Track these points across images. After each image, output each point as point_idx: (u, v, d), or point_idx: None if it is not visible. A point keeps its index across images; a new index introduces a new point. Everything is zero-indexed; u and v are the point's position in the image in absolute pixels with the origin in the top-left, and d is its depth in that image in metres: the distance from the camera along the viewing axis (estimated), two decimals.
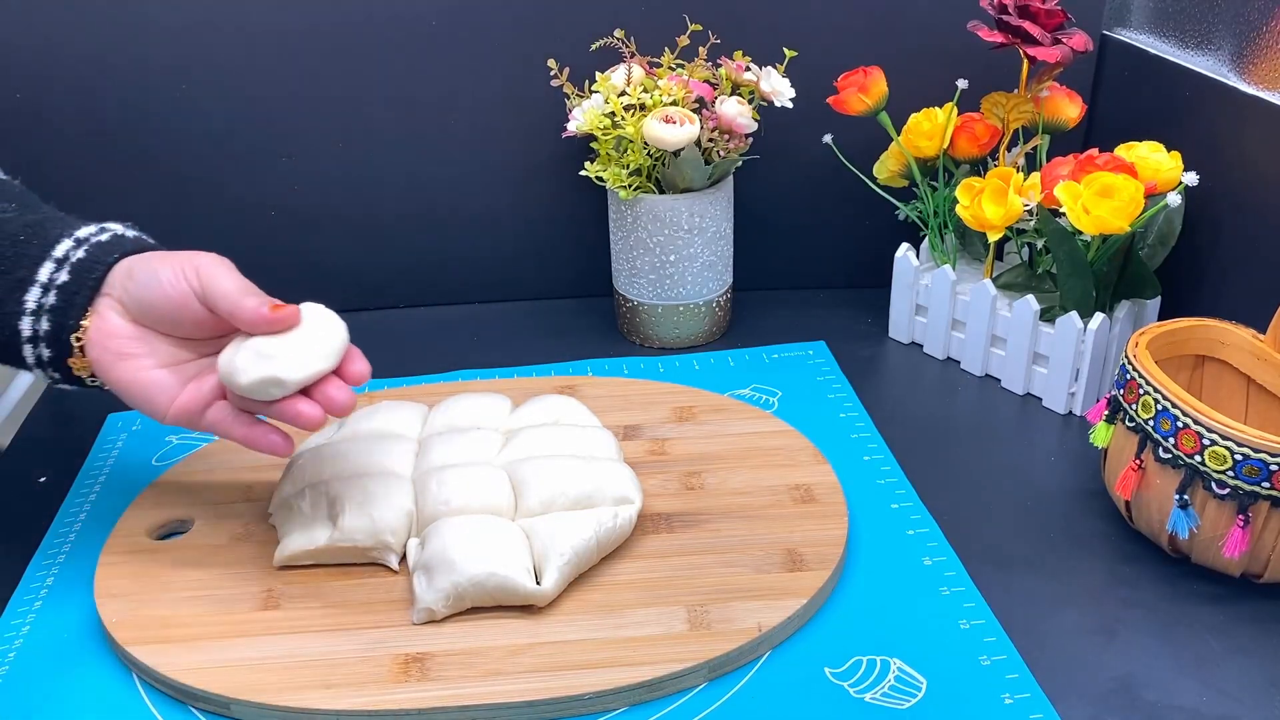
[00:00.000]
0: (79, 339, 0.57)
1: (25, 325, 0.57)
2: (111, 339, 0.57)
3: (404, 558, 0.61)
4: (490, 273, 0.96)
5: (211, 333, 0.58)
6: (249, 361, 0.55)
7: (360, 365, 0.58)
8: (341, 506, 0.60)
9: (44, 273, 0.57)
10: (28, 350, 0.58)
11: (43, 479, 0.72)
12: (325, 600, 0.59)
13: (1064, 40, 0.77)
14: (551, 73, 0.83)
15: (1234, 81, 0.76)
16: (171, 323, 0.57)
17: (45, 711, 0.53)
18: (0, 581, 0.63)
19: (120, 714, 0.53)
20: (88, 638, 0.58)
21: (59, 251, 0.57)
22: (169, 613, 0.58)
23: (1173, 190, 0.74)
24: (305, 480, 0.64)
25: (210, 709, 0.53)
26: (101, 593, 0.59)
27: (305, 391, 0.56)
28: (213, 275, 0.56)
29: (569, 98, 0.83)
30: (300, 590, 0.60)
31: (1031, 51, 0.76)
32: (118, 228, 0.60)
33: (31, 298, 0.57)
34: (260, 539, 0.63)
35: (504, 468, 0.64)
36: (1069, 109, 0.81)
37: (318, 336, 0.56)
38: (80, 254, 0.57)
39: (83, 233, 0.58)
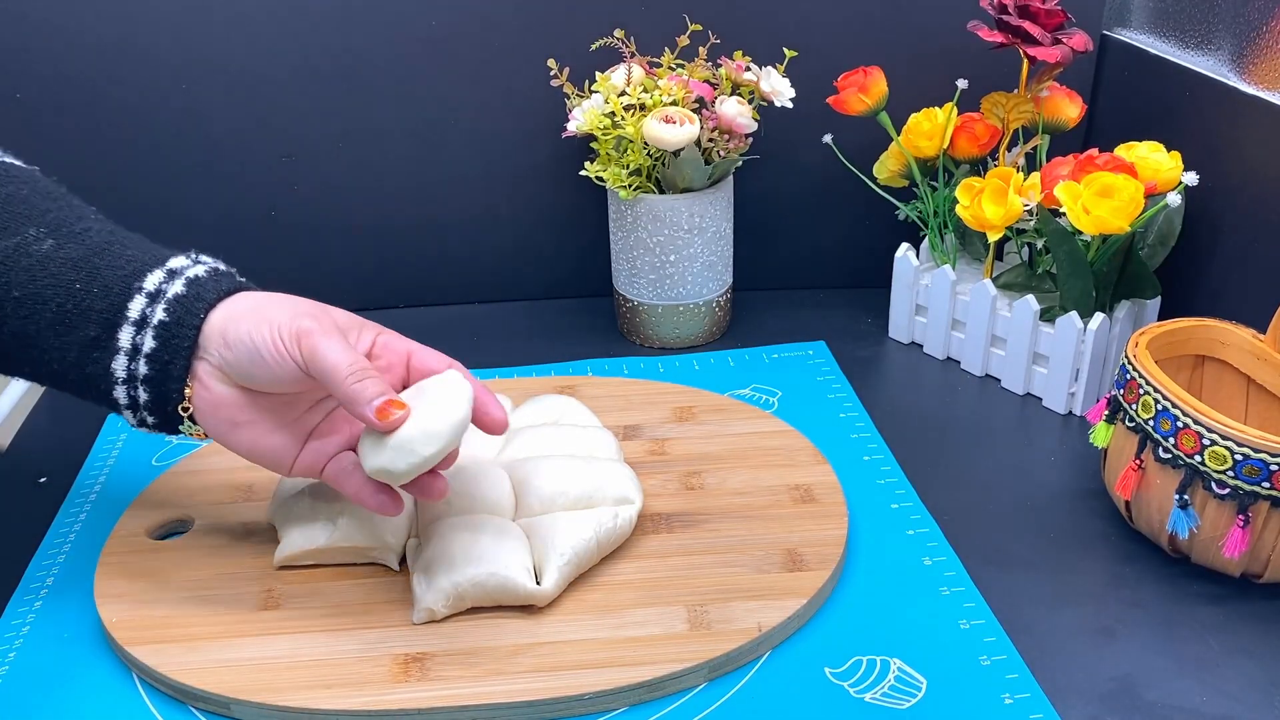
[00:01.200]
0: (186, 408, 0.54)
1: (121, 394, 0.54)
2: (222, 408, 0.54)
3: (404, 558, 0.61)
4: (490, 273, 0.96)
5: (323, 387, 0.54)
6: (367, 449, 0.53)
7: (496, 413, 0.55)
8: (341, 506, 0.60)
9: (125, 337, 0.52)
10: (129, 415, 0.55)
11: (43, 479, 0.72)
12: (325, 600, 0.59)
13: (1064, 40, 0.77)
14: (551, 73, 0.83)
15: (1234, 81, 0.76)
16: (277, 385, 0.54)
17: (45, 711, 0.53)
18: (0, 581, 0.63)
19: (120, 714, 0.53)
20: (88, 638, 0.58)
21: (134, 311, 0.52)
22: (169, 613, 0.58)
23: (1173, 190, 0.74)
24: (305, 480, 0.64)
25: (210, 709, 0.53)
26: (101, 593, 0.59)
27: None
28: (314, 349, 0.52)
29: (569, 98, 0.83)
30: (300, 590, 0.60)
31: (1031, 51, 0.76)
32: (186, 265, 0.55)
33: (119, 366, 0.53)
34: (260, 539, 0.63)
35: (504, 467, 0.64)
36: (1069, 109, 0.81)
37: (435, 423, 0.52)
38: (161, 314, 0.52)
39: (151, 283, 0.53)
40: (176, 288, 0.53)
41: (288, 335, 0.52)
